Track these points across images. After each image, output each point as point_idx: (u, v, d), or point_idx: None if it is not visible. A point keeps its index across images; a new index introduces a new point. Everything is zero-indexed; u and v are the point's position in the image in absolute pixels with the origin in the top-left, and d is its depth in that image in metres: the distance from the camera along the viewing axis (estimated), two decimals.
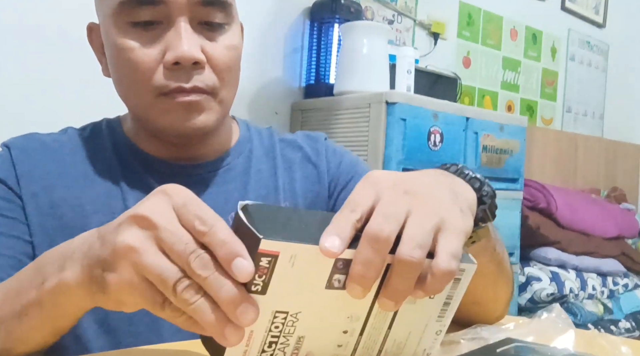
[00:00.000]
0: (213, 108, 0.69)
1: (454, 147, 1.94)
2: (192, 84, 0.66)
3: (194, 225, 0.40)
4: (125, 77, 0.69)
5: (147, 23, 0.66)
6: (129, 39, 0.66)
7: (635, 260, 2.74)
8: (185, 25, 0.65)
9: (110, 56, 0.70)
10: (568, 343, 0.51)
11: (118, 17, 0.66)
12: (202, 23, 0.67)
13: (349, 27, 1.95)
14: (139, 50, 0.66)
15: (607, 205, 2.90)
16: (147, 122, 0.71)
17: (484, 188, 0.53)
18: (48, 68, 1.58)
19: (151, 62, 0.66)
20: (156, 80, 0.66)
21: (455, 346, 0.52)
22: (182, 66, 0.65)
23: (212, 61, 0.68)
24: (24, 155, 0.72)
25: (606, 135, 3.63)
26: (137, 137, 0.76)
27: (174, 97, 0.66)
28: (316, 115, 2.01)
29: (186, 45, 0.64)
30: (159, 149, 0.75)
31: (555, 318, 0.54)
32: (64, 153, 0.74)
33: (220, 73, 0.69)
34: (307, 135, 0.86)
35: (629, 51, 3.75)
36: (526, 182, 2.46)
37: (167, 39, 0.66)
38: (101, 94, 1.63)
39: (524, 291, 2.33)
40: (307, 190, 0.80)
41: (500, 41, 2.95)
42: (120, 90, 0.72)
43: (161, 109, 0.67)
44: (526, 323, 0.55)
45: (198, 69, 0.66)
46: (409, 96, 1.86)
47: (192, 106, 0.67)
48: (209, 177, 0.76)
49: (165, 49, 0.65)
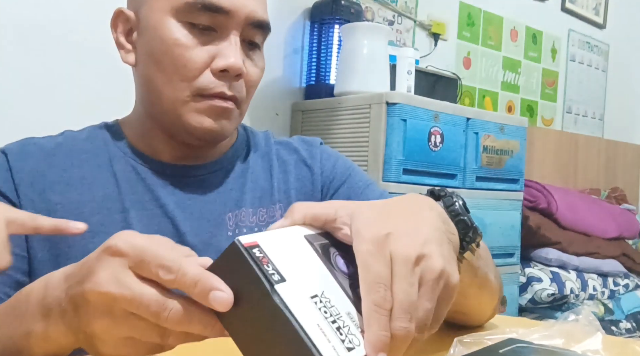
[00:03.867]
0: (236, 118, 0.75)
1: (455, 148, 1.93)
2: (232, 92, 0.72)
3: (159, 276, 0.40)
4: (169, 69, 0.71)
5: (204, 27, 0.71)
6: (185, 36, 0.71)
7: (635, 261, 2.73)
8: (236, 39, 0.72)
9: (155, 48, 0.72)
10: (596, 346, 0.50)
11: (179, 14, 0.71)
12: (246, 41, 0.74)
13: (349, 27, 1.95)
14: (192, 49, 0.71)
15: (607, 206, 2.90)
16: (174, 117, 0.73)
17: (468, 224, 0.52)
18: (47, 69, 1.58)
19: (201, 63, 0.71)
20: (201, 81, 0.71)
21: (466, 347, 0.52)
22: (228, 74, 0.71)
23: (247, 76, 0.74)
24: (21, 161, 0.73)
25: (606, 135, 3.63)
26: (140, 139, 0.77)
27: (213, 100, 0.72)
28: (316, 116, 2.01)
29: (235, 57, 0.71)
30: (163, 150, 0.76)
31: (583, 321, 0.53)
32: (61, 156, 0.75)
33: (249, 88, 0.76)
34: (302, 140, 0.89)
35: (629, 52, 3.75)
36: (526, 183, 2.46)
37: (219, 46, 0.72)
38: (101, 95, 1.64)
39: (525, 292, 2.32)
40: (301, 191, 0.83)
41: (501, 42, 2.95)
42: (153, 81, 0.73)
43: (196, 108, 0.72)
44: (553, 325, 0.54)
45: (238, 80, 0.73)
46: (409, 97, 1.86)
47: (224, 113, 0.73)
48: (208, 178, 0.78)
49: (215, 55, 0.71)
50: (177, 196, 0.75)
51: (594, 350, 0.50)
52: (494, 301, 0.69)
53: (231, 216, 0.77)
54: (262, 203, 0.79)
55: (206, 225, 0.75)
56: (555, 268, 2.42)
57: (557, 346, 0.50)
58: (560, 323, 0.54)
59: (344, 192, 0.83)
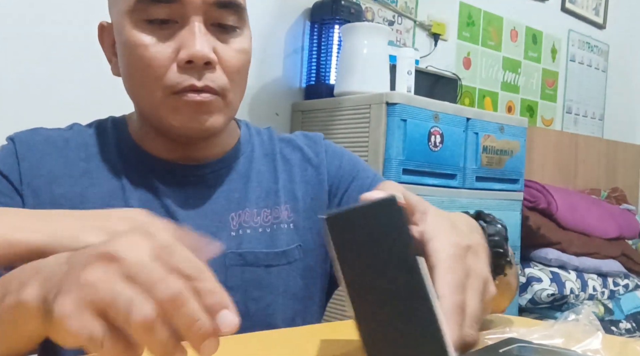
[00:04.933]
0: (222, 110, 0.70)
1: (455, 148, 1.93)
2: (203, 83, 0.67)
3: (181, 267, 0.38)
4: (137, 73, 0.69)
5: (163, 21, 0.67)
6: (143, 35, 0.67)
7: (635, 261, 2.73)
8: (199, 25, 0.67)
9: (122, 53, 0.70)
10: (596, 346, 0.50)
11: (133, 14, 0.67)
12: (215, 25, 0.69)
13: (349, 28, 1.96)
14: (153, 47, 0.67)
15: (607, 206, 2.90)
16: (156, 120, 0.71)
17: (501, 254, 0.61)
18: (48, 68, 1.58)
19: (164, 59, 0.67)
20: (169, 78, 0.67)
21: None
22: (194, 65, 0.66)
23: (223, 62, 0.69)
24: (29, 150, 0.72)
25: (606, 135, 3.63)
26: (142, 137, 0.77)
27: (185, 95, 0.67)
28: (316, 116, 2.01)
29: (199, 45, 0.66)
30: (163, 149, 0.75)
31: (583, 320, 0.53)
32: (68, 149, 0.74)
33: (230, 74, 0.70)
34: (305, 136, 0.86)
35: (629, 52, 3.75)
36: (526, 183, 2.46)
37: (181, 37, 0.67)
38: (103, 94, 1.63)
39: (525, 292, 2.32)
40: (307, 192, 0.81)
41: (501, 42, 2.95)
42: (130, 88, 0.72)
43: (171, 107, 0.68)
44: (553, 325, 0.54)
45: (210, 69, 0.68)
46: (409, 97, 1.86)
47: (202, 106, 0.68)
48: (211, 177, 0.77)
49: (179, 47, 0.67)
50: (180, 195, 0.74)
51: (594, 349, 0.50)
52: (510, 299, 0.73)
53: (234, 216, 0.76)
54: (266, 204, 0.78)
55: (209, 224, 0.74)
56: (555, 268, 2.42)
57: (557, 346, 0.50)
58: (560, 323, 0.54)
59: (355, 188, 0.82)
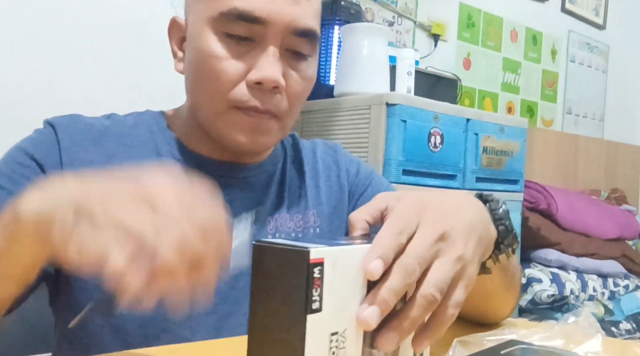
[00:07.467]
0: (276, 131, 0.72)
1: (455, 149, 1.93)
2: (266, 107, 0.69)
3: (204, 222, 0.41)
4: (205, 82, 0.70)
5: (241, 38, 0.68)
6: (220, 47, 0.68)
7: (635, 262, 2.73)
8: (274, 49, 0.68)
9: (194, 57, 0.71)
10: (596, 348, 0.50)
11: (215, 24, 0.68)
12: (289, 50, 0.70)
13: (349, 28, 1.95)
14: (226, 61, 0.68)
15: (607, 207, 2.90)
16: (213, 128, 0.72)
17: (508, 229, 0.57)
18: (48, 68, 1.58)
19: (235, 75, 0.68)
20: (235, 93, 0.68)
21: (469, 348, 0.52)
22: (262, 87, 0.68)
23: (289, 88, 0.71)
24: (70, 138, 0.70)
25: (606, 136, 3.63)
26: (185, 134, 0.77)
27: (247, 114, 0.69)
28: (316, 117, 2.01)
29: (272, 70, 0.67)
30: (210, 149, 0.75)
31: (583, 322, 0.53)
32: (107, 139, 0.73)
33: (292, 100, 0.72)
34: (325, 144, 0.89)
35: (629, 52, 3.75)
36: (526, 184, 2.46)
37: (255, 57, 0.68)
38: (103, 95, 1.63)
39: (525, 293, 2.32)
40: (331, 198, 0.83)
41: (501, 42, 2.95)
42: (192, 92, 0.73)
43: (231, 121, 0.70)
44: (553, 327, 0.54)
45: (275, 93, 0.69)
46: (409, 97, 1.86)
47: (260, 126, 0.70)
48: (251, 180, 0.78)
49: (251, 66, 0.68)
50: (222, 193, 0.74)
51: (594, 351, 0.50)
52: (515, 301, 0.72)
53: (271, 219, 0.76)
54: (298, 209, 0.79)
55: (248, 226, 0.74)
56: (555, 269, 2.42)
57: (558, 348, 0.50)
58: (560, 325, 0.54)
59: (369, 195, 0.84)
